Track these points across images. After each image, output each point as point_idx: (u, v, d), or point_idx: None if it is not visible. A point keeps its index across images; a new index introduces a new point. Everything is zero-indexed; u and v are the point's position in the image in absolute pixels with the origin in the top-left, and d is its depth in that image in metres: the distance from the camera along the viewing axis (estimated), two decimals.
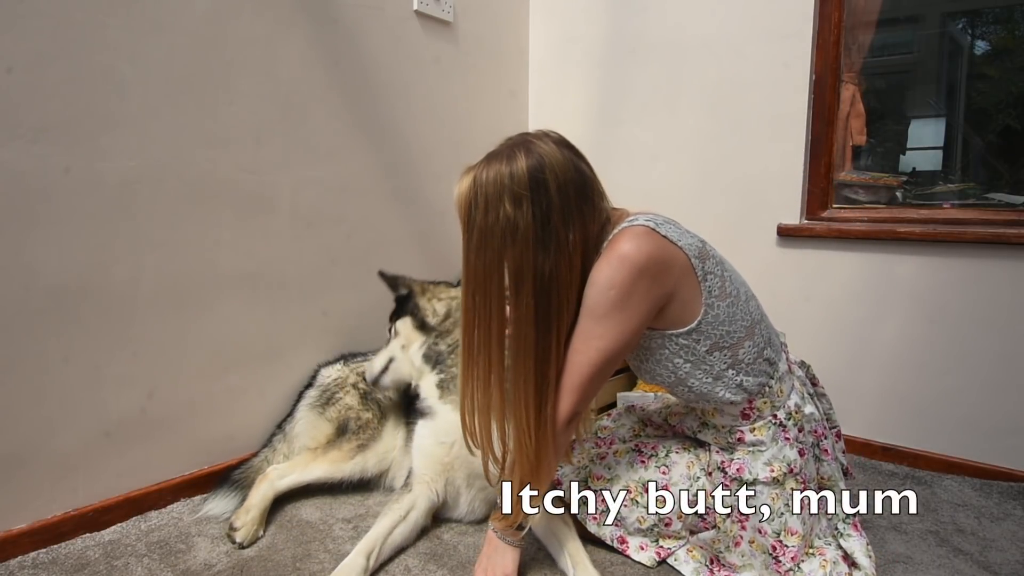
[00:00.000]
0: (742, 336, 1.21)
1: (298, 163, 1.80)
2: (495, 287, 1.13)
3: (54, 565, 1.30)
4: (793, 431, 1.26)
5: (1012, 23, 2.39)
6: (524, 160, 1.09)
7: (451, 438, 1.44)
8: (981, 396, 1.81)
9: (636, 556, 1.32)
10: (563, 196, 1.10)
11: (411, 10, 2.11)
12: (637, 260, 1.10)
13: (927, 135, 2.51)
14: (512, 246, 1.09)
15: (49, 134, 1.33)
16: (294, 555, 1.36)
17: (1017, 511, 1.61)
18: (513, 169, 1.09)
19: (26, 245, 1.31)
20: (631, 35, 2.37)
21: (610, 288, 1.10)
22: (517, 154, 1.10)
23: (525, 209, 1.08)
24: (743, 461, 1.25)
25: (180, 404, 1.59)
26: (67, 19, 1.34)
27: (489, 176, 1.11)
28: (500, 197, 1.09)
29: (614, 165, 2.47)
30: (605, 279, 1.11)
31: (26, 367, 1.33)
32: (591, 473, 1.39)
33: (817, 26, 1.99)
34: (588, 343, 1.14)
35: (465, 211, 1.14)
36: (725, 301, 1.19)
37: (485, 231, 1.11)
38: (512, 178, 1.09)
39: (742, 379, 1.22)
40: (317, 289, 1.88)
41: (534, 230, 1.09)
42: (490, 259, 1.11)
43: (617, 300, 1.10)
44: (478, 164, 1.15)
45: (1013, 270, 1.75)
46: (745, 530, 1.25)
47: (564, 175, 1.11)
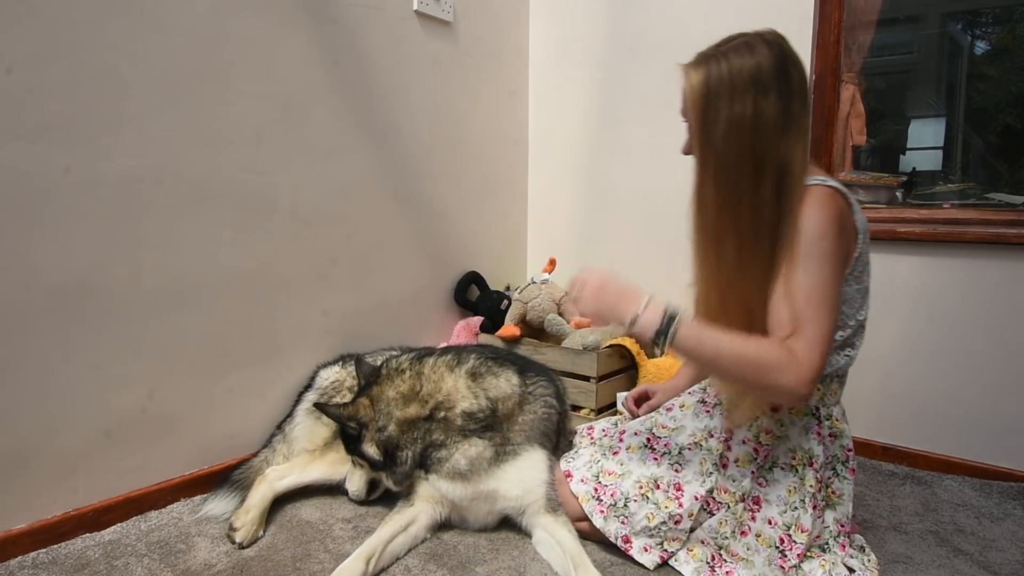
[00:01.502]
0: (850, 326, 1.25)
1: (298, 163, 1.80)
2: (747, 174, 1.15)
3: (54, 565, 1.30)
4: (825, 431, 1.30)
5: (1012, 23, 2.39)
6: (767, 50, 1.13)
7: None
8: (981, 396, 1.81)
9: (639, 557, 1.32)
10: (801, 87, 1.14)
11: (411, 10, 2.11)
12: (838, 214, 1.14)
13: (927, 135, 2.51)
14: (757, 133, 1.12)
15: (49, 134, 1.33)
16: (294, 555, 1.36)
17: (1017, 511, 1.61)
18: (759, 60, 1.12)
19: (26, 245, 1.31)
20: (631, 35, 2.37)
21: (823, 237, 1.12)
22: (757, 46, 1.13)
23: (772, 99, 1.11)
24: (769, 447, 1.29)
25: (180, 404, 1.59)
26: (67, 19, 1.34)
27: (733, 67, 1.13)
28: (747, 87, 1.12)
29: (614, 165, 2.47)
30: (817, 227, 1.12)
31: (26, 367, 1.33)
32: (603, 468, 1.40)
33: (817, 26, 1.99)
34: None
35: (705, 102, 1.15)
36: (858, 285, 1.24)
37: (732, 121, 1.13)
38: (759, 68, 1.12)
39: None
40: (317, 289, 1.89)
41: (778, 119, 1.12)
42: (741, 146, 1.14)
43: (829, 247, 1.13)
44: (706, 58, 1.17)
45: (1013, 270, 1.75)
46: (755, 520, 1.26)
47: (800, 67, 1.15)
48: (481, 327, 2.31)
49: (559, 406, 1.56)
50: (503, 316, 2.30)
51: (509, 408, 1.45)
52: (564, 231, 2.63)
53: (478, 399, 1.44)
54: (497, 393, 1.46)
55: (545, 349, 2.16)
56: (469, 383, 1.46)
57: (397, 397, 1.45)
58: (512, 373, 1.51)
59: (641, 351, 2.14)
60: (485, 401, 1.44)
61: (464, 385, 1.45)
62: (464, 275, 2.40)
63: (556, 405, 1.54)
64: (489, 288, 2.43)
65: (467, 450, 1.40)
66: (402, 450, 1.42)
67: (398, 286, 2.16)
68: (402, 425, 1.43)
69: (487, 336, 2.28)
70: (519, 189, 2.68)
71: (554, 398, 1.54)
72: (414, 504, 1.42)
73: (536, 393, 1.51)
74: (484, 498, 1.41)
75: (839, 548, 1.30)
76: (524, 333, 2.26)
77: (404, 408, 1.44)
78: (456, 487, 1.40)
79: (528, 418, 1.47)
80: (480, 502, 1.42)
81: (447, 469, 1.40)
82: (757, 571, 1.25)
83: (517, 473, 1.40)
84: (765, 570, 1.25)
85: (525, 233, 2.73)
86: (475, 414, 1.42)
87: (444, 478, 1.41)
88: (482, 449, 1.40)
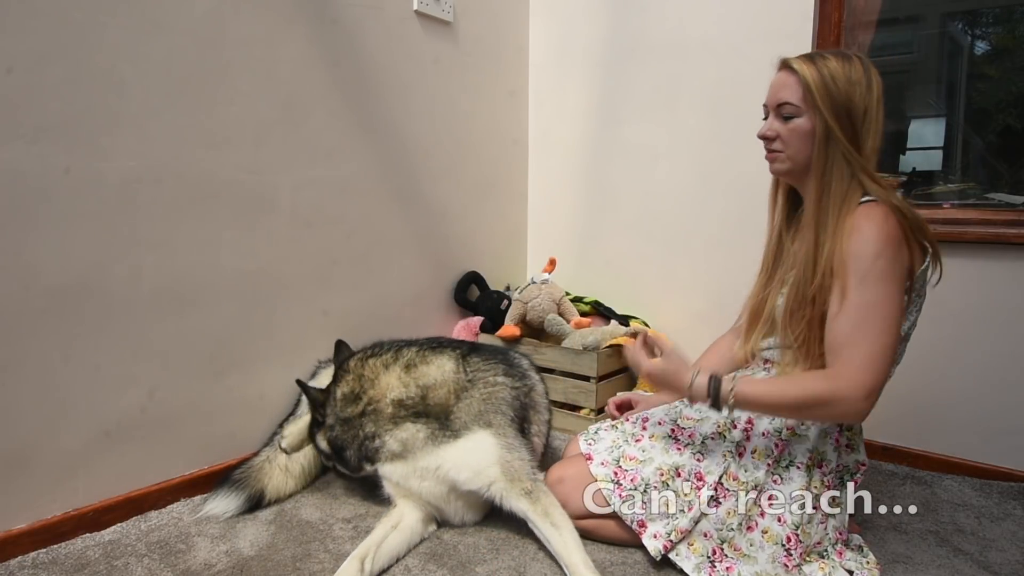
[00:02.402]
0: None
1: (298, 163, 1.80)
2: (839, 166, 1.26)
3: (54, 565, 1.30)
4: (844, 440, 1.33)
5: (1012, 23, 2.39)
6: (859, 63, 1.25)
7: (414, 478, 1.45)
8: (981, 396, 1.81)
9: (648, 542, 1.31)
10: (879, 99, 1.25)
11: (411, 10, 2.11)
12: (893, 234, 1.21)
13: (927, 135, 2.51)
14: (851, 116, 1.23)
15: (49, 134, 1.33)
16: (294, 555, 1.36)
17: (1017, 511, 1.61)
18: (852, 67, 1.24)
19: (26, 245, 1.31)
20: (631, 35, 2.37)
21: (878, 257, 1.19)
22: (850, 56, 1.26)
23: (861, 92, 1.23)
24: (787, 443, 1.31)
25: (180, 404, 1.59)
26: (67, 19, 1.34)
27: (833, 64, 1.24)
28: (845, 79, 1.23)
29: (614, 165, 2.47)
30: (871, 248, 1.20)
31: (26, 367, 1.33)
32: (624, 453, 1.41)
33: (817, 26, 1.99)
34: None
35: (820, 84, 1.24)
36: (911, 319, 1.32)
37: (847, 102, 1.23)
38: (853, 73, 1.23)
39: None
40: (317, 289, 1.89)
41: (863, 113, 1.23)
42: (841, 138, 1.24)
43: (885, 267, 1.20)
44: (808, 56, 1.28)
45: (1013, 270, 1.75)
46: (763, 516, 1.27)
47: (880, 82, 1.26)
48: (481, 327, 2.31)
49: (513, 382, 1.55)
50: (503, 316, 2.30)
51: (442, 396, 1.47)
52: (564, 231, 2.63)
53: (407, 388, 1.48)
54: (427, 380, 1.49)
55: (545, 349, 2.16)
56: (401, 375, 1.51)
57: (342, 398, 1.53)
58: (447, 359, 1.53)
59: None
60: (415, 389, 1.48)
61: (396, 377, 1.51)
62: (464, 275, 2.40)
63: (507, 382, 1.53)
64: (489, 288, 2.43)
65: (397, 433, 1.45)
66: (346, 449, 1.51)
67: (398, 286, 2.16)
68: (343, 424, 1.51)
69: (487, 336, 2.29)
70: (519, 189, 2.68)
71: (505, 376, 1.54)
72: (396, 504, 1.46)
73: (477, 377, 1.51)
74: (431, 477, 1.42)
75: (836, 555, 1.31)
76: (524, 333, 2.26)
77: (345, 409, 1.52)
78: (396, 467, 1.45)
79: (469, 402, 1.46)
80: (430, 482, 1.42)
81: (384, 454, 1.46)
82: (759, 568, 1.25)
83: (460, 455, 1.40)
84: (768, 567, 1.24)
85: (525, 233, 2.73)
86: (404, 401, 1.47)
87: (385, 463, 1.46)
88: (414, 431, 1.44)
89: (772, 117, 1.32)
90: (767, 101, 1.34)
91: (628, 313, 2.40)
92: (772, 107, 1.32)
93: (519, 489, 1.35)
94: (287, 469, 1.63)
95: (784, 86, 1.28)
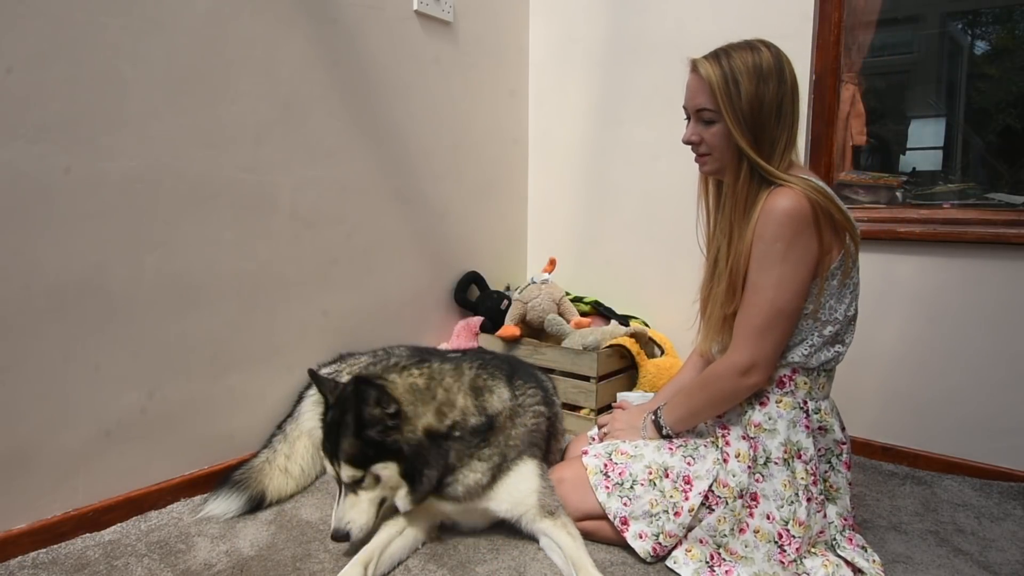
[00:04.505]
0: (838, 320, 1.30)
1: (298, 163, 1.80)
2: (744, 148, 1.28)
3: (54, 565, 1.30)
4: (814, 424, 1.32)
5: (1012, 23, 2.39)
6: (767, 51, 1.27)
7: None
8: (981, 396, 1.81)
9: (633, 543, 1.33)
10: (793, 87, 1.28)
11: (411, 10, 2.11)
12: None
13: (927, 135, 2.51)
14: (756, 117, 1.25)
15: (49, 134, 1.33)
16: (294, 555, 1.36)
17: (1017, 511, 1.61)
18: (759, 56, 1.26)
19: (26, 245, 1.31)
20: (631, 35, 2.37)
21: (776, 240, 1.23)
22: (759, 46, 1.27)
23: (771, 88, 1.25)
24: (758, 439, 1.31)
25: (180, 404, 1.59)
26: (67, 19, 1.34)
27: (739, 62, 1.25)
28: (751, 77, 1.25)
29: (614, 165, 2.47)
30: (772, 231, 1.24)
31: (27, 367, 1.33)
32: (616, 448, 1.42)
33: (817, 26, 1.99)
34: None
35: (723, 87, 1.26)
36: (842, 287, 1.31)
37: (752, 102, 1.25)
38: (763, 65, 1.25)
39: (812, 351, 1.30)
40: (317, 289, 1.89)
41: (776, 108, 1.25)
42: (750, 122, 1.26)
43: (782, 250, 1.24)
44: (714, 55, 1.29)
45: (1013, 270, 1.75)
46: (752, 517, 1.27)
47: (792, 68, 1.29)
48: (481, 327, 2.31)
49: (547, 410, 1.53)
50: (503, 316, 2.30)
51: (502, 422, 1.43)
52: (564, 231, 2.63)
53: (478, 415, 1.39)
54: (492, 410, 1.42)
55: (545, 349, 2.16)
56: (473, 400, 1.41)
57: (413, 389, 1.35)
58: (503, 387, 1.47)
59: (641, 351, 2.14)
60: (484, 418, 1.40)
61: (471, 402, 1.40)
62: (464, 275, 2.40)
63: (545, 411, 1.51)
64: (489, 288, 2.43)
65: (466, 476, 1.36)
66: (430, 467, 1.31)
67: (398, 286, 2.16)
68: (428, 436, 1.32)
69: (487, 336, 2.29)
70: (519, 189, 2.68)
71: (543, 404, 1.52)
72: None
73: (526, 404, 1.49)
74: (475, 513, 1.42)
75: (846, 542, 1.31)
76: (524, 333, 2.26)
77: (422, 409, 1.34)
78: (448, 505, 1.39)
79: (519, 431, 1.44)
80: (471, 515, 1.43)
81: (448, 493, 1.36)
82: (757, 568, 1.25)
83: (507, 489, 1.38)
84: (765, 566, 1.25)
85: (525, 233, 2.73)
86: (478, 429, 1.39)
87: (442, 501, 1.38)
88: (480, 476, 1.36)
89: (693, 121, 1.34)
90: (686, 104, 1.35)
91: (628, 313, 2.40)
92: (692, 112, 1.33)
93: (544, 512, 1.36)
94: (287, 470, 1.63)
95: (698, 90, 1.30)
